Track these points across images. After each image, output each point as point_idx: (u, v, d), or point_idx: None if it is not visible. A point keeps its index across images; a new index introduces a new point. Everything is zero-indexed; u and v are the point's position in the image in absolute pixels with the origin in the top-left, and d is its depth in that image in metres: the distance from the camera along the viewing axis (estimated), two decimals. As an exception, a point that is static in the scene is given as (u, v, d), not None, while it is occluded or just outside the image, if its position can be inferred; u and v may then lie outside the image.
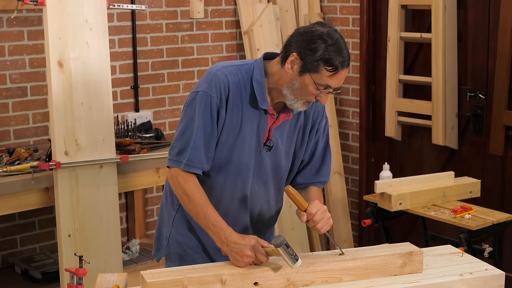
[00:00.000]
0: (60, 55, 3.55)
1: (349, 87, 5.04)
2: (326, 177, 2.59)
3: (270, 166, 2.47)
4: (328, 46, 2.23)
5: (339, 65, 2.24)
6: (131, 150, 3.94)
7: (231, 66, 2.39)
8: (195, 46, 4.85)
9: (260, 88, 2.36)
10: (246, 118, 2.37)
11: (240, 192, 2.45)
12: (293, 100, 2.33)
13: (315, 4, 5.00)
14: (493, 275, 2.31)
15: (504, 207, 4.20)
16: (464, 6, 4.37)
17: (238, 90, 2.36)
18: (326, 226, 2.30)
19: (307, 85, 2.28)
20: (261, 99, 2.36)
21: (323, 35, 2.25)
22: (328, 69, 2.24)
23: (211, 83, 2.34)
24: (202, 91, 2.34)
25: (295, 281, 2.20)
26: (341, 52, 2.24)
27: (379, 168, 4.16)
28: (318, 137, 2.54)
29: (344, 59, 2.25)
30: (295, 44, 2.29)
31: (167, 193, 2.59)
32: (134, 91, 4.64)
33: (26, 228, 4.37)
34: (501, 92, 4.11)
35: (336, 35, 2.26)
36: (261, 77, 2.37)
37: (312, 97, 2.31)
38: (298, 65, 2.28)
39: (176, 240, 2.55)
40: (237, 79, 2.36)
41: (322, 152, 2.57)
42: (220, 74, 2.35)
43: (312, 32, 2.27)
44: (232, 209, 2.48)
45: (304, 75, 2.28)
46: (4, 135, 4.18)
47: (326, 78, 2.26)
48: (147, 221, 4.81)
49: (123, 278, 2.41)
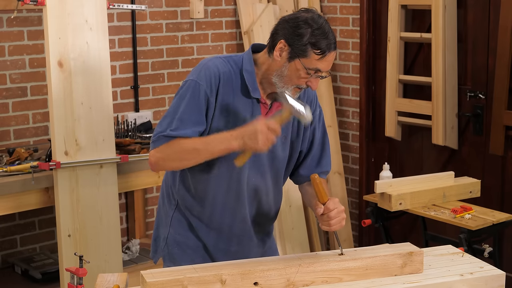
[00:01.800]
0: (60, 55, 3.55)
1: (349, 87, 5.04)
2: (328, 167, 2.60)
3: (266, 157, 2.46)
4: (314, 30, 2.28)
5: (326, 48, 2.28)
6: (131, 150, 3.94)
7: (221, 58, 2.42)
8: (195, 46, 4.85)
9: (250, 78, 2.38)
10: (237, 107, 2.38)
11: (235, 183, 2.45)
12: (283, 87, 2.35)
13: (315, 4, 5.00)
14: (493, 275, 2.31)
15: (504, 207, 4.20)
16: (464, 6, 4.37)
17: (229, 80, 2.38)
18: (337, 226, 2.30)
19: (297, 70, 2.31)
20: (252, 88, 2.38)
21: (307, 20, 2.30)
22: (316, 52, 2.28)
23: (200, 72, 2.37)
24: (191, 80, 2.37)
25: (295, 281, 2.20)
26: (327, 35, 2.29)
27: (379, 168, 4.16)
28: (314, 126, 2.55)
29: (330, 41, 2.29)
30: (282, 32, 2.32)
31: (164, 194, 2.60)
32: (134, 91, 4.64)
33: (26, 228, 4.37)
34: (501, 92, 4.11)
35: (320, 19, 2.31)
36: (251, 67, 2.39)
37: (302, 82, 2.34)
38: (287, 52, 2.31)
39: (174, 240, 2.55)
40: (227, 69, 2.38)
41: (321, 141, 2.58)
42: (210, 64, 2.38)
43: (297, 18, 2.31)
44: (230, 201, 2.47)
45: (293, 61, 2.31)
46: (4, 135, 4.18)
47: (315, 61, 2.29)
48: (147, 221, 4.81)
49: (124, 278, 2.40)
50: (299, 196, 4.69)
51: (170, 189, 2.56)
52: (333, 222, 2.29)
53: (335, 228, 2.30)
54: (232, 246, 2.54)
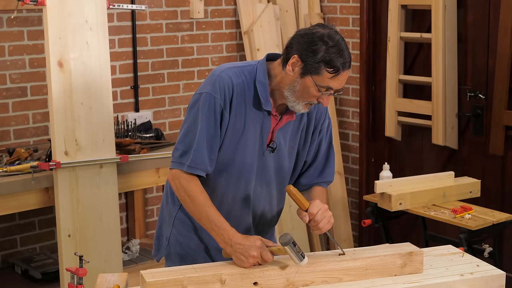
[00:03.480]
0: (60, 55, 3.55)
1: (349, 87, 5.04)
2: (331, 177, 2.59)
3: (273, 168, 2.47)
4: (329, 48, 2.23)
5: (340, 66, 2.24)
6: (131, 150, 3.94)
7: (235, 68, 2.39)
8: (195, 46, 4.85)
9: (263, 89, 2.36)
10: (249, 119, 2.37)
11: (242, 193, 2.45)
12: (294, 102, 2.33)
13: (315, 4, 5.00)
14: (493, 275, 2.31)
15: (504, 207, 4.20)
16: (464, 6, 4.37)
17: (242, 91, 2.35)
18: (327, 225, 2.29)
19: (308, 87, 2.28)
20: (265, 100, 2.36)
21: (323, 37, 2.25)
22: (329, 71, 2.24)
23: (215, 84, 2.33)
24: (206, 93, 2.34)
25: (295, 281, 2.20)
26: (342, 54, 2.24)
27: (379, 168, 4.16)
28: (321, 137, 2.53)
29: (345, 60, 2.25)
30: (296, 46, 2.29)
31: (168, 193, 2.59)
32: (134, 91, 4.64)
33: (26, 228, 4.37)
34: (501, 92, 4.11)
35: (337, 36, 2.26)
36: (264, 79, 2.36)
37: (313, 99, 2.31)
38: (299, 67, 2.28)
39: (176, 240, 2.55)
40: (241, 81, 2.36)
41: (326, 153, 2.56)
42: (224, 75, 2.35)
43: (313, 34, 2.26)
44: (235, 210, 2.47)
45: (305, 77, 2.27)
46: (4, 135, 4.18)
47: (327, 79, 2.26)
48: (147, 221, 4.81)
49: (124, 278, 2.40)
50: (299, 196, 4.69)
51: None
52: (321, 225, 2.28)
53: (326, 229, 2.30)
54: None
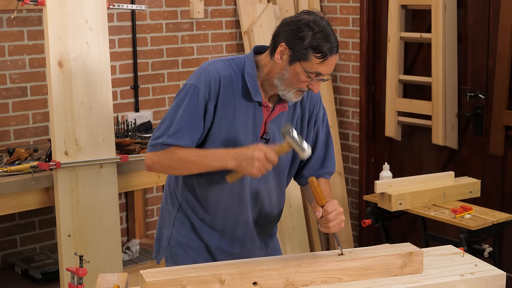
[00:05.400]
0: (60, 55, 3.55)
1: (349, 87, 5.04)
2: (332, 167, 2.60)
3: None
4: (315, 34, 2.25)
5: (328, 51, 2.26)
6: (131, 150, 3.94)
7: (223, 61, 2.41)
8: (195, 46, 4.85)
9: (252, 81, 2.37)
10: (238, 111, 2.38)
11: (238, 187, 2.45)
12: (285, 90, 2.34)
13: (315, 4, 5.00)
14: (494, 275, 2.31)
15: (504, 207, 4.20)
16: (464, 6, 4.37)
17: (229, 83, 2.36)
18: (336, 228, 2.30)
19: (297, 74, 2.30)
20: (254, 91, 2.37)
21: (309, 23, 2.27)
22: (317, 56, 2.26)
23: (200, 76, 2.36)
24: (191, 84, 2.36)
25: (294, 281, 2.20)
26: (328, 39, 2.26)
27: (379, 168, 4.16)
28: (317, 127, 2.54)
29: (332, 45, 2.27)
30: (283, 34, 2.31)
31: (167, 194, 2.59)
32: (134, 91, 4.64)
33: (26, 228, 4.37)
34: (501, 92, 4.11)
35: (322, 22, 2.28)
36: (253, 70, 2.38)
37: (304, 85, 2.32)
38: (287, 55, 2.29)
39: (177, 240, 2.55)
40: (229, 73, 2.37)
41: (324, 143, 2.57)
42: (211, 68, 2.37)
43: (298, 21, 2.29)
44: (232, 204, 2.47)
45: (294, 64, 2.29)
46: (4, 135, 4.18)
47: (316, 65, 2.27)
48: (147, 221, 4.81)
49: (124, 278, 2.40)
50: (299, 196, 4.69)
51: (173, 190, 2.56)
52: (332, 225, 2.28)
53: (333, 230, 2.29)
54: (235, 248, 2.54)
